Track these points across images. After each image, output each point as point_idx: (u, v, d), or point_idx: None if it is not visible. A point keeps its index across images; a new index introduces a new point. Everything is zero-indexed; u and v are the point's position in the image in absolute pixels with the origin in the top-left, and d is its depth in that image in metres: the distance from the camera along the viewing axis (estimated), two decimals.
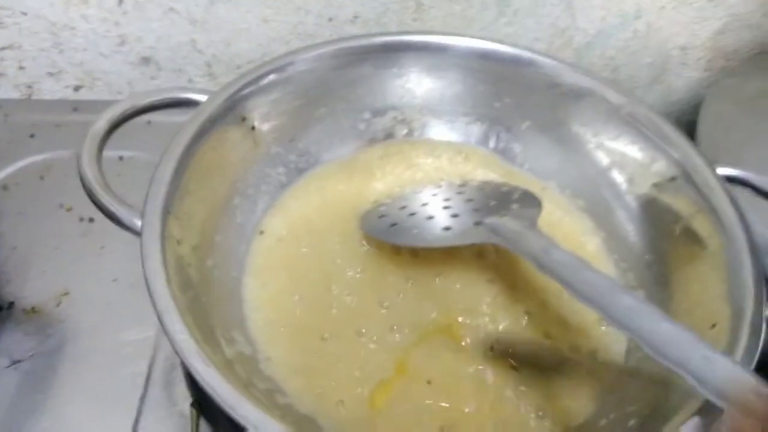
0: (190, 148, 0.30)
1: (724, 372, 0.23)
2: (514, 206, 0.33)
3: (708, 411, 0.24)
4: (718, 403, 0.23)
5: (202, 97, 0.33)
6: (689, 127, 0.47)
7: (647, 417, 0.27)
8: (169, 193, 0.28)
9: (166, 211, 0.28)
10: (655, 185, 0.36)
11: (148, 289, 0.25)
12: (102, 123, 0.30)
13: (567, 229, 0.38)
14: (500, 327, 0.33)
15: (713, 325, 0.29)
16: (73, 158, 0.42)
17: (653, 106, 0.55)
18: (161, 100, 0.32)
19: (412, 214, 0.35)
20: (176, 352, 0.24)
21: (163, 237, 0.27)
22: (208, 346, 0.25)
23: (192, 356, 0.23)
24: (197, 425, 0.32)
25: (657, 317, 0.25)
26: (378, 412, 0.29)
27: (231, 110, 0.33)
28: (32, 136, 0.44)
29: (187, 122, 0.31)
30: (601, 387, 0.31)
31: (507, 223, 0.31)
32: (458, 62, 0.39)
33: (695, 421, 0.24)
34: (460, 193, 0.37)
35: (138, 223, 0.27)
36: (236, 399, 0.23)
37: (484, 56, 0.39)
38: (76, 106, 0.47)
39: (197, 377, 0.23)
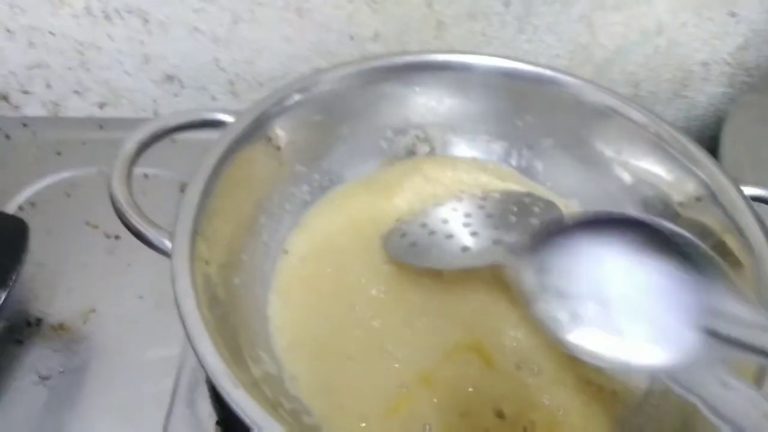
0: (217, 169, 0.31)
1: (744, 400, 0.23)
2: (534, 220, 0.33)
3: None
4: None
5: (228, 118, 0.33)
6: (711, 142, 0.46)
7: None
8: (197, 214, 0.29)
9: (195, 232, 0.28)
10: (681, 204, 0.36)
11: (179, 310, 0.25)
12: (131, 144, 0.30)
13: None
14: (525, 346, 0.33)
15: None
16: (99, 175, 0.44)
17: (676, 122, 0.56)
18: (189, 121, 0.32)
19: (432, 233, 0.35)
20: (207, 374, 0.24)
21: (192, 258, 0.27)
22: (236, 366, 0.25)
23: (222, 378, 0.24)
24: None
25: None
26: (399, 418, 0.29)
27: (257, 131, 0.33)
28: (59, 153, 0.45)
29: (214, 143, 0.31)
30: (625, 410, 0.31)
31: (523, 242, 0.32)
32: (480, 81, 0.39)
33: None
34: (481, 207, 0.37)
35: (167, 243, 0.28)
36: (265, 420, 0.23)
37: (507, 75, 0.39)
38: (101, 124, 0.47)
39: (227, 399, 0.24)
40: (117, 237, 0.40)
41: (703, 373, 0.24)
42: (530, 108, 0.39)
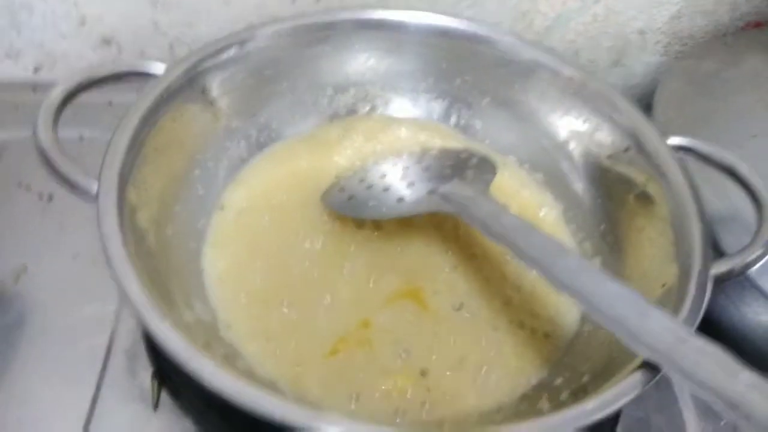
0: (147, 119, 0.30)
1: (660, 326, 0.24)
2: (469, 172, 0.34)
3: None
4: (652, 357, 0.24)
5: (159, 70, 0.33)
6: (647, 109, 0.48)
7: (599, 372, 0.28)
8: (126, 160, 0.28)
9: (123, 178, 0.28)
10: (610, 157, 0.37)
11: (105, 252, 0.25)
12: (57, 92, 0.30)
13: (526, 202, 0.39)
14: (461, 292, 0.33)
15: (663, 285, 0.30)
16: (31, 139, 0.43)
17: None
18: (118, 71, 0.32)
19: (370, 187, 0.36)
20: (134, 314, 0.24)
21: (120, 202, 0.27)
22: (166, 308, 0.25)
23: (151, 316, 0.23)
24: (158, 396, 0.32)
25: (599, 278, 0.26)
26: (336, 359, 0.30)
27: (190, 83, 0.33)
28: None
29: (144, 92, 0.31)
30: (557, 351, 0.32)
31: (458, 189, 0.32)
32: (417, 39, 0.39)
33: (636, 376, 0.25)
34: (418, 162, 0.37)
35: (94, 187, 0.27)
36: (196, 356, 0.23)
37: (442, 33, 0.39)
38: (34, 87, 0.46)
39: (155, 336, 0.23)
40: (50, 198, 0.39)
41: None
42: (467, 67, 0.40)
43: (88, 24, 0.46)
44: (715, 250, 0.36)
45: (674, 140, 0.35)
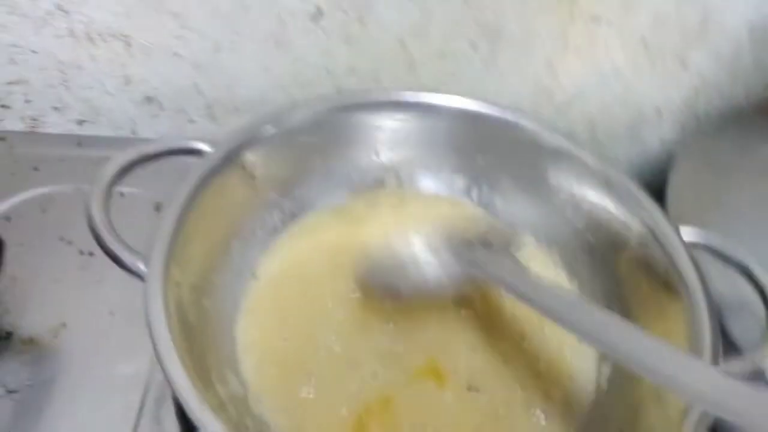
0: (193, 196, 0.32)
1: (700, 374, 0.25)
2: (496, 245, 0.36)
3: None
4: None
5: (206, 147, 0.35)
6: (663, 183, 0.50)
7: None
8: (172, 239, 0.30)
9: (169, 257, 0.30)
10: (625, 244, 0.38)
11: (150, 333, 0.27)
12: (111, 168, 0.32)
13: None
14: (479, 372, 0.35)
15: None
16: (76, 192, 0.45)
17: (630, 162, 0.59)
18: (168, 148, 0.34)
19: (397, 262, 0.37)
20: (175, 394, 0.25)
21: (165, 282, 0.29)
22: (204, 387, 0.27)
23: (190, 400, 0.25)
24: None
25: (629, 329, 0.27)
26: None
27: (232, 159, 0.35)
28: (36, 168, 0.46)
29: (191, 171, 0.33)
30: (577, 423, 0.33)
31: (486, 256, 0.34)
32: (446, 120, 0.41)
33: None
34: (446, 235, 0.39)
35: (142, 267, 0.29)
36: None
37: (470, 115, 0.41)
38: (79, 141, 0.49)
39: (194, 420, 0.25)
40: (91, 254, 0.42)
41: None
42: (491, 147, 0.42)
43: (132, 83, 0.49)
44: (725, 340, 0.38)
45: (688, 233, 0.37)
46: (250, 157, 0.36)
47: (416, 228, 0.41)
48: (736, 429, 0.32)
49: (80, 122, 0.51)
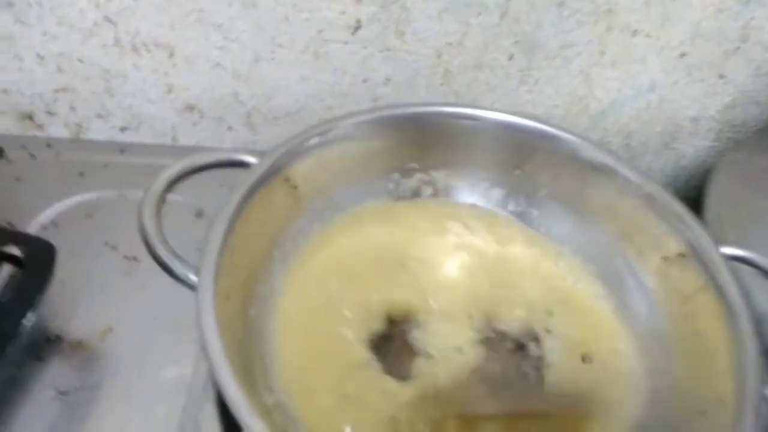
0: (239, 208, 0.33)
1: None
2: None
3: None
4: None
5: (251, 159, 0.36)
6: (696, 191, 0.49)
7: None
8: (221, 251, 0.31)
9: (219, 269, 0.30)
10: (665, 259, 0.38)
11: (203, 344, 0.28)
12: (161, 180, 0.33)
13: (580, 293, 0.41)
14: None
15: (718, 400, 0.31)
16: (120, 198, 0.46)
17: (664, 171, 0.59)
18: (216, 161, 0.35)
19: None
20: (228, 405, 0.26)
21: (215, 293, 0.29)
22: (252, 396, 0.28)
23: (242, 410, 0.26)
24: None
25: None
26: None
27: (276, 172, 0.36)
28: (81, 174, 0.47)
29: (237, 184, 0.34)
30: None
31: None
32: (484, 132, 0.42)
33: None
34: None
35: (192, 278, 0.30)
36: None
37: (509, 128, 0.42)
38: (123, 148, 0.50)
39: (244, 425, 0.26)
40: (135, 258, 0.43)
41: None
42: (528, 159, 0.42)
43: (174, 92, 0.50)
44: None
45: (729, 250, 0.37)
46: (294, 168, 0.37)
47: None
48: None
49: (123, 129, 0.52)
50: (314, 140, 0.38)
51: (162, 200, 0.33)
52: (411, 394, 0.34)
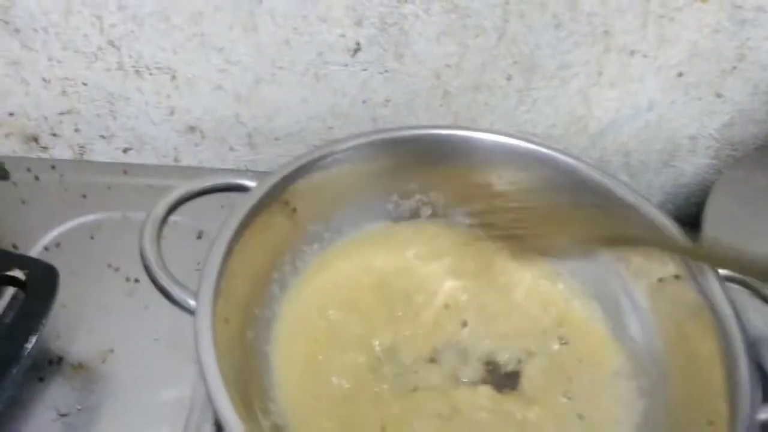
0: (238, 232, 0.34)
1: None
2: None
3: None
4: None
5: (250, 183, 0.36)
6: (696, 208, 0.50)
7: None
8: (219, 275, 0.31)
9: (217, 294, 0.31)
10: (660, 280, 0.39)
11: (201, 369, 0.28)
12: (161, 206, 0.34)
13: (577, 315, 0.41)
14: None
15: (710, 423, 0.31)
16: (122, 219, 0.47)
17: (664, 189, 0.59)
18: (214, 185, 0.35)
19: None
20: (224, 428, 0.26)
21: (213, 317, 0.30)
22: (249, 419, 0.28)
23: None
24: None
25: None
26: None
27: (275, 196, 0.37)
28: (84, 196, 0.48)
29: (236, 208, 0.34)
30: None
31: None
32: (480, 154, 0.42)
33: None
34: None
35: (191, 302, 0.31)
36: None
37: (506, 150, 0.42)
38: (125, 170, 0.51)
39: None
40: (137, 280, 0.43)
41: None
42: (525, 179, 0.43)
43: (176, 114, 0.51)
44: (760, 374, 0.38)
45: (724, 271, 0.37)
46: (292, 192, 0.38)
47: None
48: None
49: (126, 150, 0.53)
50: (312, 163, 0.38)
51: (162, 225, 0.33)
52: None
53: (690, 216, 0.48)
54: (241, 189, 0.36)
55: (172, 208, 0.34)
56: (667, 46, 0.49)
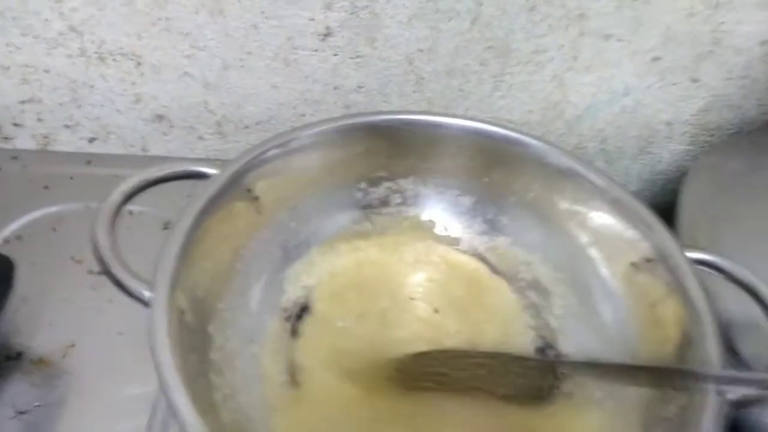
0: (197, 222, 0.33)
1: None
2: None
3: None
4: None
5: (211, 170, 0.35)
6: (673, 195, 0.49)
7: None
8: (176, 267, 0.30)
9: (174, 285, 0.30)
10: (633, 264, 0.38)
11: (155, 362, 0.27)
12: (116, 195, 0.32)
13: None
14: None
15: (680, 407, 0.31)
16: (86, 211, 0.46)
17: (641, 176, 0.59)
18: (173, 173, 0.34)
19: None
20: (179, 422, 0.25)
21: (170, 310, 0.29)
22: (207, 413, 0.27)
23: (192, 425, 0.25)
24: None
25: None
26: None
27: (237, 184, 0.35)
28: (47, 187, 0.47)
29: (195, 197, 0.33)
30: None
31: None
32: (451, 139, 0.41)
33: None
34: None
35: (146, 294, 0.29)
36: None
37: (476, 135, 0.41)
38: (89, 159, 0.49)
39: None
40: (100, 273, 0.42)
41: None
42: (497, 166, 0.42)
43: (143, 101, 0.49)
44: (734, 358, 0.37)
45: (696, 254, 0.36)
46: (255, 179, 0.37)
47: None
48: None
49: (91, 140, 0.52)
50: (275, 150, 0.37)
51: (116, 214, 0.32)
52: None
53: (668, 203, 0.48)
54: (202, 176, 0.35)
55: (128, 197, 0.33)
56: (642, 30, 0.48)
